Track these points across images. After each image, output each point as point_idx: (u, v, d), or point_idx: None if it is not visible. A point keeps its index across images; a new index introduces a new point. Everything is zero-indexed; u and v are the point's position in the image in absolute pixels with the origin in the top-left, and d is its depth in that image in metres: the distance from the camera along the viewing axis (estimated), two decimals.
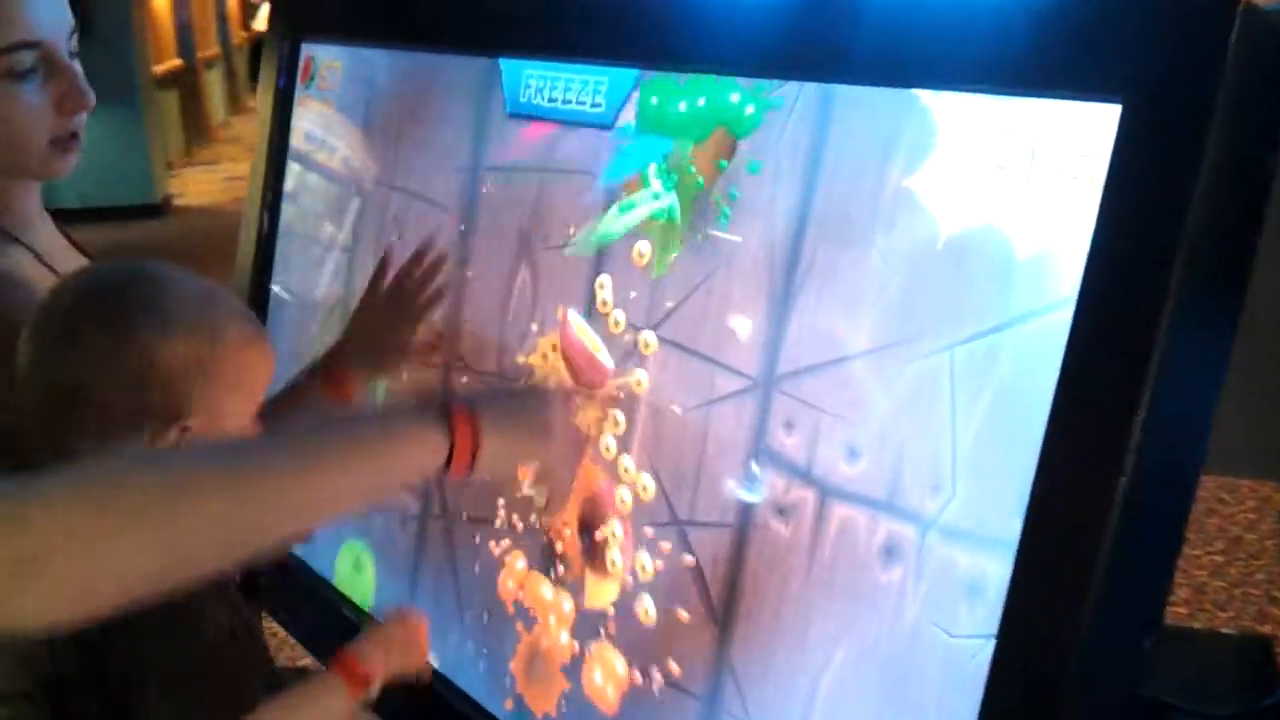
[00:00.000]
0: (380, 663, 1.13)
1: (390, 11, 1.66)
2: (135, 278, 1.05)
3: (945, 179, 1.02)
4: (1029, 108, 0.96)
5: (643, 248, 1.27)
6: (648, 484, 1.24)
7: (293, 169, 1.84)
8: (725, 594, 1.17)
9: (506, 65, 1.46)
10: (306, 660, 1.81)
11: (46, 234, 1.30)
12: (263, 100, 1.88)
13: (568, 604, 1.33)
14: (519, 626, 1.39)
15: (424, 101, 1.61)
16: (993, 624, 0.93)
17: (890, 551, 1.03)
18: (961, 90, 1.01)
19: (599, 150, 1.33)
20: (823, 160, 1.11)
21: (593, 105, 1.34)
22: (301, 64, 1.85)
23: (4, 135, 1.20)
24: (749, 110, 1.17)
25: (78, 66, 1.24)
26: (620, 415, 1.27)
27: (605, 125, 1.32)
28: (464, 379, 1.49)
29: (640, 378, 1.26)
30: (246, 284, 1.87)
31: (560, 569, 1.34)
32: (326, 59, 1.81)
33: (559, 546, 1.34)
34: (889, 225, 1.05)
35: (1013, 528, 0.93)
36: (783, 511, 1.12)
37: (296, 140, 1.85)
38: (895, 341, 1.04)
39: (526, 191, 1.44)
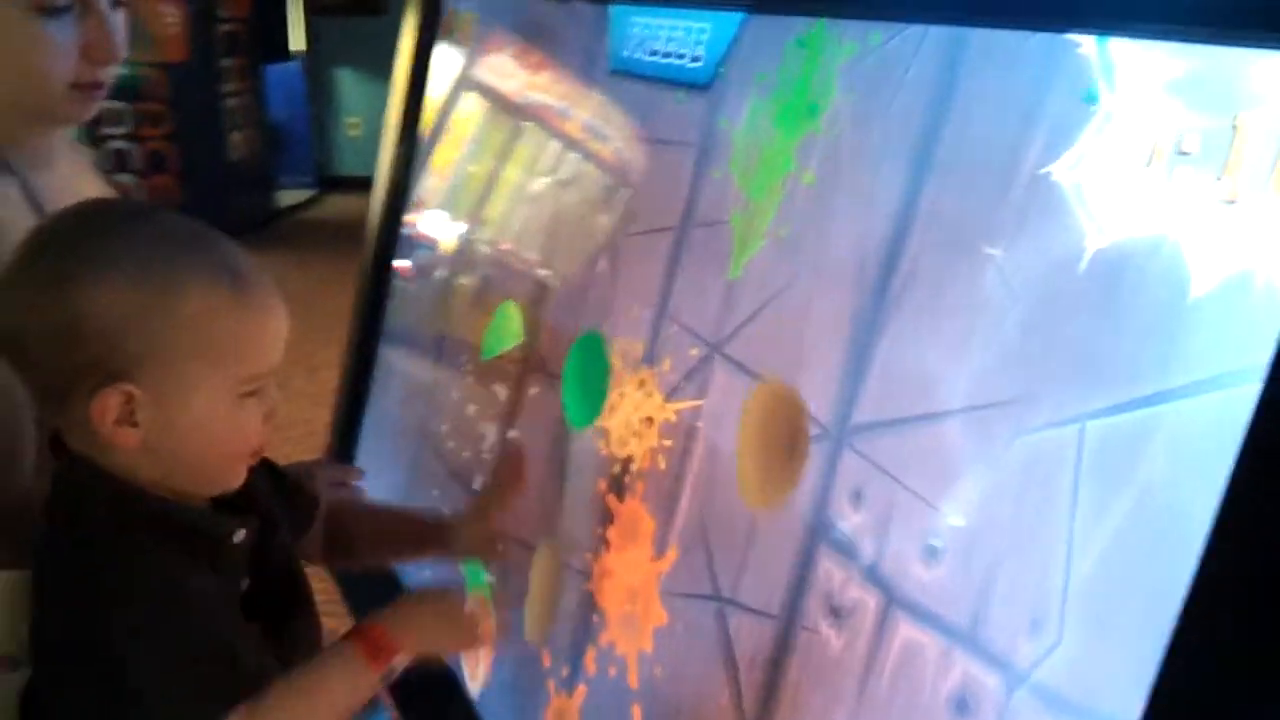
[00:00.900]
0: (408, 636, 0.90)
1: None
2: (90, 219, 0.88)
3: (1101, 166, 0.68)
4: (1231, 62, 0.61)
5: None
6: (691, 543, 0.97)
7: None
8: (759, 703, 0.88)
9: (615, 13, 1.21)
10: None
11: (62, 180, 1.18)
12: (402, 57, 1.73)
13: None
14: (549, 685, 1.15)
15: (540, 56, 1.39)
16: None
17: (963, 705, 0.71)
18: (1135, 36, 0.67)
19: (695, 115, 1.06)
20: (940, 133, 0.80)
21: (692, 59, 1.07)
22: (444, 19, 1.68)
23: (21, 69, 1.09)
24: (851, 66, 0.87)
25: (118, 18, 1.12)
26: (669, 443, 1.01)
27: (702, 84, 1.05)
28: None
29: (696, 413, 0.99)
30: (376, 222, 1.71)
31: None
32: (465, 11, 1.63)
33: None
34: (1016, 229, 0.73)
35: (1133, 707, 0.60)
36: (837, 613, 0.82)
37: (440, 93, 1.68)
38: (1006, 400, 0.72)
39: (619, 164, 1.19)
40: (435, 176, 1.63)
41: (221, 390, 0.87)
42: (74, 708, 0.88)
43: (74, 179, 1.22)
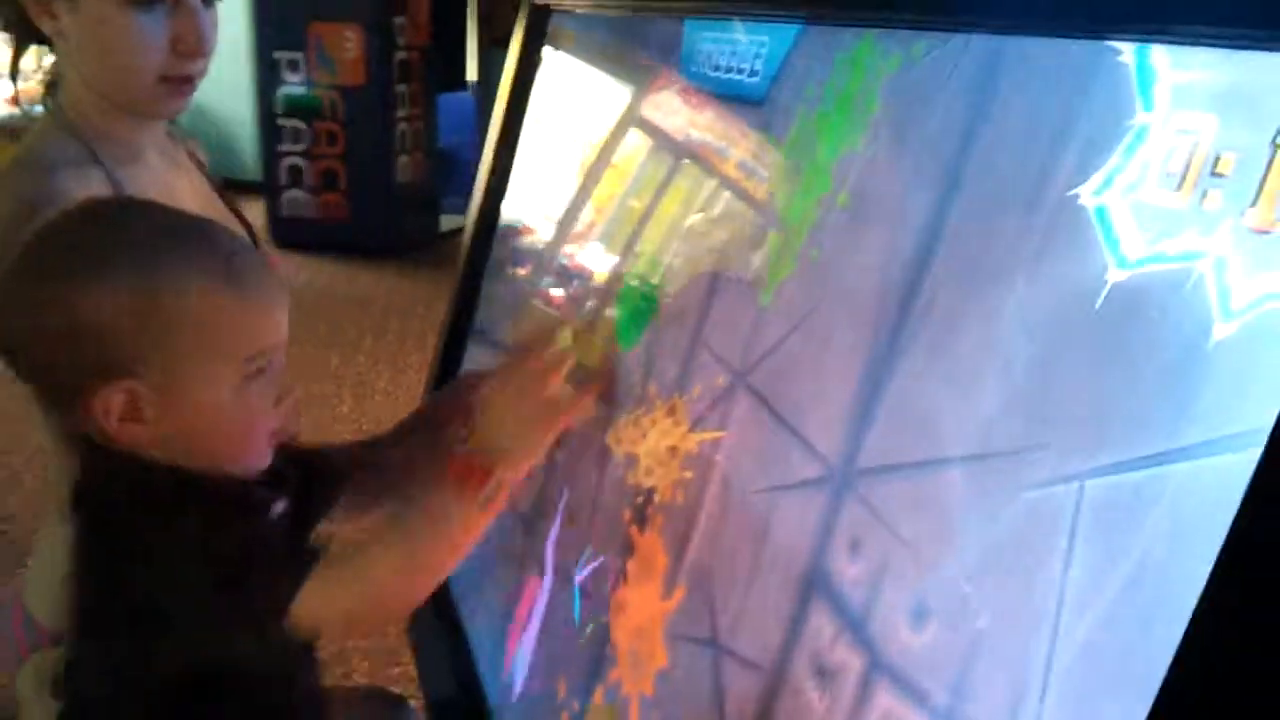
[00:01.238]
0: (494, 449, 0.87)
1: None
2: (81, 221, 0.88)
3: (1129, 189, 0.60)
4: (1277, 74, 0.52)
5: (756, 263, 0.93)
6: (696, 583, 0.90)
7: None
8: None
9: (689, 27, 1.17)
10: None
11: (151, 173, 1.21)
12: (508, 69, 1.73)
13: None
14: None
15: (614, 71, 1.36)
16: None
17: None
18: (1176, 41, 0.59)
19: (747, 132, 1.00)
20: (970, 151, 0.72)
21: (750, 74, 1.01)
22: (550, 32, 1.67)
23: (112, 61, 1.13)
24: (894, 80, 0.80)
25: (210, 15, 1.16)
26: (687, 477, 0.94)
27: (757, 99, 0.99)
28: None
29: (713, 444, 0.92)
30: (471, 232, 1.71)
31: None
32: (567, 28, 1.61)
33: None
34: (1036, 259, 0.65)
35: None
36: (822, 673, 0.74)
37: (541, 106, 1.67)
38: (1009, 450, 0.63)
39: (682, 181, 1.14)
40: (595, 210, 1.59)
41: (224, 375, 0.86)
42: (111, 657, 0.88)
43: (164, 173, 1.25)
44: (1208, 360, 0.53)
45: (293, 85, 5.75)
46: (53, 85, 1.19)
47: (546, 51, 1.62)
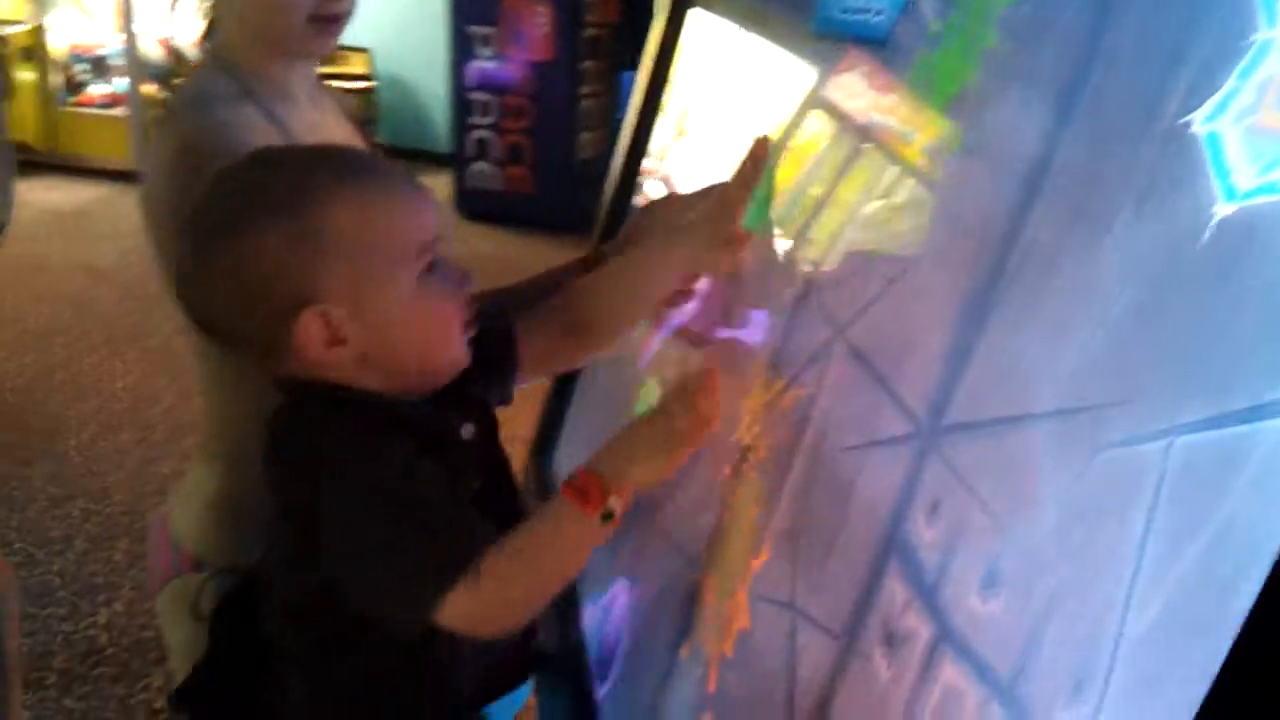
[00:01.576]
0: (619, 472, 0.85)
1: None
2: (218, 187, 0.91)
3: (1245, 113, 0.53)
4: None
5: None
6: (781, 543, 0.86)
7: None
8: None
9: None
10: None
11: (303, 113, 1.24)
12: (645, 59, 1.71)
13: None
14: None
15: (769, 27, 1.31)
16: None
17: None
18: None
19: (870, 74, 0.95)
20: (1085, 80, 0.65)
21: (875, 13, 0.96)
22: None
23: (265, 1, 1.17)
24: (1011, 12, 0.73)
25: None
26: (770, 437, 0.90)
27: (880, 39, 0.94)
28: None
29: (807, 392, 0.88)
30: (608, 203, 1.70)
31: None
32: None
33: None
34: (1140, 194, 0.58)
35: None
36: (891, 641, 0.69)
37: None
38: (1094, 404, 0.57)
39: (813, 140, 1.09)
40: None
41: (402, 277, 0.88)
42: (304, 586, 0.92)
43: (315, 114, 1.29)
44: None
45: (485, 59, 5.90)
46: (210, 27, 1.25)
47: (705, 18, 1.59)
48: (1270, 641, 0.41)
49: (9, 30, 6.21)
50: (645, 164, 1.62)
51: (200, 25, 1.25)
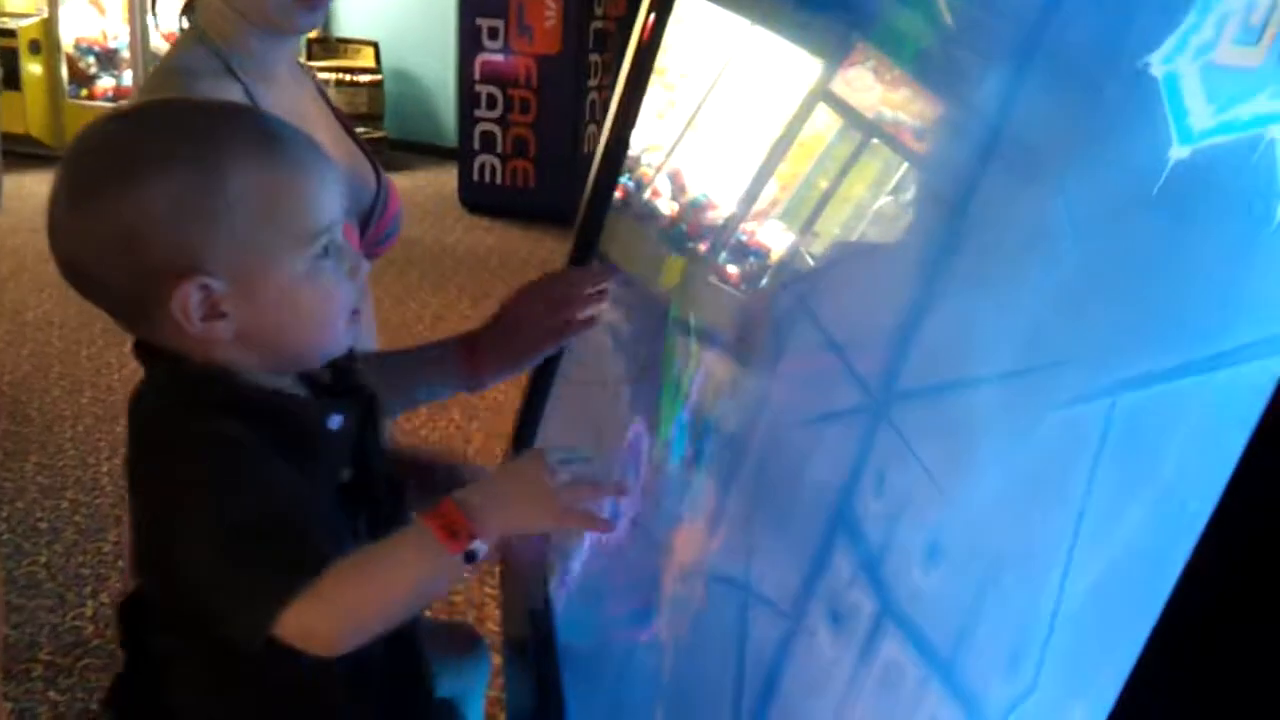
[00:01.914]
0: (489, 516, 0.80)
1: None
2: (109, 130, 0.86)
3: (1203, 51, 0.49)
4: None
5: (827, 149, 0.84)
6: (736, 521, 0.83)
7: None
8: (755, 709, 0.73)
9: None
10: None
11: (283, 92, 1.22)
12: (630, 55, 1.68)
13: None
14: None
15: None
16: None
17: None
18: None
19: (828, 29, 0.92)
20: (1046, 25, 0.62)
21: None
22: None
23: None
24: None
25: None
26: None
27: None
28: None
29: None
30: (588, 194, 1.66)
31: None
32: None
33: None
34: (1096, 141, 0.54)
35: None
36: (837, 616, 0.66)
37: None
38: (1042, 364, 0.54)
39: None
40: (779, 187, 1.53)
41: (294, 256, 0.83)
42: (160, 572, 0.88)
43: (294, 94, 1.27)
44: (1270, 244, 0.43)
45: (492, 51, 5.88)
46: (191, 2, 1.22)
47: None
48: (1201, 607, 0.38)
49: (18, 23, 6.23)
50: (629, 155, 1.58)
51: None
